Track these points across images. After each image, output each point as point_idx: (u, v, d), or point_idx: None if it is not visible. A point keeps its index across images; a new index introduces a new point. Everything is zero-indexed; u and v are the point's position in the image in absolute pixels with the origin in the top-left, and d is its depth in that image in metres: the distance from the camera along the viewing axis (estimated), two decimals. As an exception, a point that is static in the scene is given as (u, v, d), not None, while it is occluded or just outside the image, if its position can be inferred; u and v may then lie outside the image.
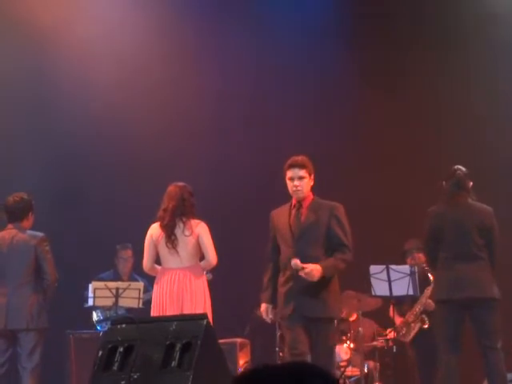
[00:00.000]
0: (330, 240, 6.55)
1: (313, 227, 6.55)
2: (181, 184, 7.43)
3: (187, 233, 7.29)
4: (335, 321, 6.69)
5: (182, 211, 7.31)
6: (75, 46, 9.86)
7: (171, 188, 7.42)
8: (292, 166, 6.63)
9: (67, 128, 9.81)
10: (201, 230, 7.33)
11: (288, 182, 6.64)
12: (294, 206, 6.65)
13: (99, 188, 9.99)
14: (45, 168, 9.70)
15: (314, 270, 6.32)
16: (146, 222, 7.49)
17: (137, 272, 9.01)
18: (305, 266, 6.32)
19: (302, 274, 6.34)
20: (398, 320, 8.71)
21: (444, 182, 7.12)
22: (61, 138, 9.86)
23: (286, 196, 6.73)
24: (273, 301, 6.67)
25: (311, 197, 6.69)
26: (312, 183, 6.67)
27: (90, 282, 8.51)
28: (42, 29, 9.68)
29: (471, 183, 7.09)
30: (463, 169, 7.09)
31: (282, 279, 6.58)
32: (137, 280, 8.90)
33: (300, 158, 6.66)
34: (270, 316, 6.72)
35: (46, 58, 9.83)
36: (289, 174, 6.63)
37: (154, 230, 7.40)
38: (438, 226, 6.98)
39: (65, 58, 9.82)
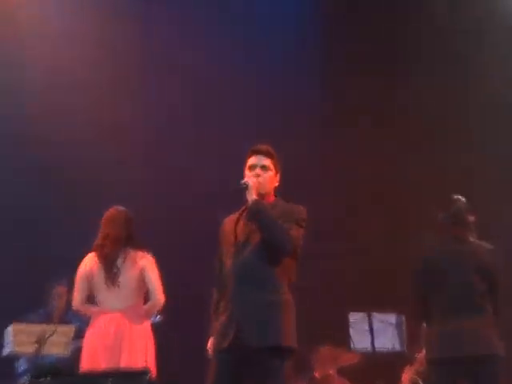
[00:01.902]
0: None
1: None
2: (122, 208, 6.60)
3: (130, 266, 6.42)
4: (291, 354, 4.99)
5: (127, 240, 6.46)
6: (13, 44, 9.29)
7: (112, 212, 6.57)
8: (256, 152, 5.25)
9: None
10: (146, 263, 6.46)
11: (247, 172, 5.22)
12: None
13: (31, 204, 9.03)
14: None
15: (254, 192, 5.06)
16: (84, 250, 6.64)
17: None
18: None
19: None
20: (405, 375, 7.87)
21: (439, 214, 6.12)
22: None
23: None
24: None
25: (272, 198, 5.28)
26: (276, 184, 5.30)
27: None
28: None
29: (473, 217, 6.08)
30: (463, 199, 6.10)
31: (222, 303, 5.11)
32: (71, 322, 7.73)
33: (266, 146, 5.29)
34: None
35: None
36: (251, 161, 5.25)
37: (90, 261, 6.51)
38: (430, 269, 6.01)
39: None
